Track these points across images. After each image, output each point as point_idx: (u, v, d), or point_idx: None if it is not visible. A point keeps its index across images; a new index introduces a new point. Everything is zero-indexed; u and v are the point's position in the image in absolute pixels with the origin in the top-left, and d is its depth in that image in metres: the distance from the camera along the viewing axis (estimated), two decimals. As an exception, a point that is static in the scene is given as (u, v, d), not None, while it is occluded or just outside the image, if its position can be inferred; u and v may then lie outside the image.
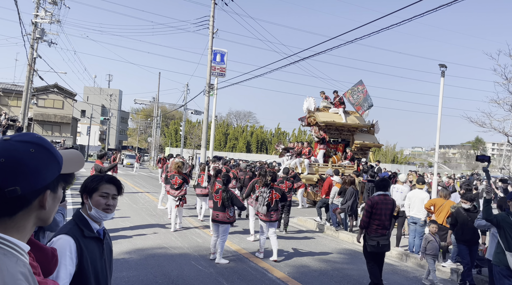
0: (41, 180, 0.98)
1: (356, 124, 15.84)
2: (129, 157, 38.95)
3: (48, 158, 1.01)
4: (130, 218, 10.13)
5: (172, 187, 8.97)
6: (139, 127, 75.23)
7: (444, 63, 17.47)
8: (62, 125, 42.63)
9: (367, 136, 16.23)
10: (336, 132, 16.01)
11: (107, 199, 2.04)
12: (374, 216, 5.47)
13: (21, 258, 0.97)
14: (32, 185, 0.96)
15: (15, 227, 0.98)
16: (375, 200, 5.52)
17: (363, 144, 15.73)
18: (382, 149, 64.40)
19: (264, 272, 6.28)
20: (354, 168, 14.80)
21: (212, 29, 21.51)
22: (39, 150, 0.99)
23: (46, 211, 1.03)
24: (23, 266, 0.96)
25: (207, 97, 21.36)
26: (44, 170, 0.99)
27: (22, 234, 1.00)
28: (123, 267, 5.99)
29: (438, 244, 6.54)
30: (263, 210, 7.12)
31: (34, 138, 1.01)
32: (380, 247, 5.49)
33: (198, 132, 44.47)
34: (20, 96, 28.09)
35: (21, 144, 0.97)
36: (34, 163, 0.97)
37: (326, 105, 16.15)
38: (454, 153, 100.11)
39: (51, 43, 23.16)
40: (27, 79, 22.27)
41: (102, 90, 66.12)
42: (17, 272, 0.92)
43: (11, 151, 0.95)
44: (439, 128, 18.38)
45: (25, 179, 0.95)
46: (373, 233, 5.50)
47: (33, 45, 21.88)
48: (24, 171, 0.95)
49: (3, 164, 0.93)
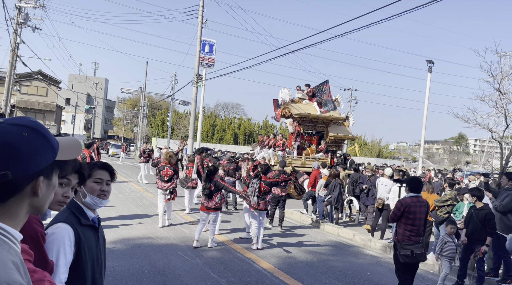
0: (33, 165, 0.94)
1: (330, 116, 15.83)
2: (115, 146, 38.50)
3: (42, 142, 0.97)
4: (116, 207, 10.04)
5: (161, 178, 8.50)
6: (125, 117, 74.33)
7: (431, 59, 17.66)
8: (46, 113, 41.76)
9: (341, 129, 16.30)
10: (311, 124, 15.97)
11: (101, 185, 2.02)
12: (406, 221, 4.78)
13: (13, 246, 0.94)
14: (24, 170, 0.92)
15: (7, 214, 0.94)
16: (406, 202, 4.81)
17: (337, 136, 15.80)
18: (368, 143, 65.18)
19: (251, 262, 6.32)
20: (327, 160, 14.80)
21: (201, 19, 21.26)
22: (33, 134, 0.95)
23: (40, 198, 0.99)
24: (15, 255, 0.93)
25: (195, 87, 21.18)
26: (37, 155, 0.95)
27: (15, 221, 0.96)
28: (109, 256, 5.93)
29: (455, 245, 6.16)
30: (254, 200, 7.28)
31: (28, 122, 0.97)
32: (414, 257, 4.79)
33: (186, 123, 44.21)
34: (3, 82, 27.38)
35: (14, 127, 0.94)
36: (26, 147, 0.93)
37: (301, 97, 16.15)
38: (438, 148, 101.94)
39: (35, 29, 22.56)
40: (10, 65, 21.70)
41: (88, 78, 64.94)
42: (9, 260, 0.89)
43: (3, 134, 0.91)
44: (425, 124, 18.70)
45: (16, 163, 0.91)
46: (405, 241, 4.79)
47: (16, 30, 21.28)
48: (15, 155, 0.91)
49: None
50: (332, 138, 15.74)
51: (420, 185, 5.02)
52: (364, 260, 7.25)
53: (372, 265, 6.92)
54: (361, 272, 6.44)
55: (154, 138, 49.78)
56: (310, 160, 14.52)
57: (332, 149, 15.86)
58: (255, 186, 7.37)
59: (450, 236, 6.13)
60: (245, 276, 5.66)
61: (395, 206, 5.04)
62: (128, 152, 43.76)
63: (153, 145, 35.25)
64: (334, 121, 16.27)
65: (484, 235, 5.92)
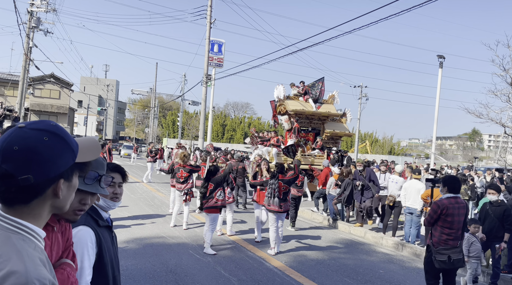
0: (54, 168, 0.98)
1: (326, 112, 15.57)
2: (127, 147, 38.89)
3: (62, 146, 1.01)
4: (128, 207, 10.17)
5: (177, 180, 8.52)
6: (137, 118, 75.00)
7: (442, 54, 17.43)
8: (59, 116, 42.40)
9: (338, 125, 16.02)
10: (307, 121, 15.74)
11: (113, 188, 2.04)
12: (443, 224, 4.42)
13: (38, 244, 0.98)
14: (45, 174, 0.96)
15: (31, 214, 0.99)
16: (443, 204, 4.42)
17: (333, 133, 15.53)
18: (379, 141, 64.65)
19: (262, 261, 6.34)
20: (324, 157, 14.58)
21: (210, 19, 21.34)
22: (53, 138, 0.99)
23: (61, 200, 1.03)
24: (41, 252, 0.97)
25: (204, 88, 21.28)
26: (57, 159, 0.98)
27: (39, 221, 1.01)
28: (122, 256, 6.02)
29: (481, 245, 5.85)
30: (275, 202, 6.91)
31: (48, 126, 1.01)
32: (452, 263, 4.41)
33: (196, 123, 44.41)
34: (17, 86, 27.90)
35: (35, 132, 0.97)
36: (47, 151, 0.97)
37: (296, 93, 15.91)
38: (451, 145, 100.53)
39: (47, 33, 22.93)
40: (23, 69, 22.09)
41: (99, 80, 65.66)
42: (37, 257, 0.93)
43: (25, 139, 0.95)
44: (436, 120, 18.48)
45: (38, 167, 0.95)
46: (442, 245, 4.43)
47: (29, 34, 21.66)
48: (37, 159, 0.95)
49: (16, 151, 0.93)
50: (328, 135, 15.49)
51: (459, 185, 4.64)
52: (376, 258, 7.21)
53: (384, 263, 6.88)
54: (373, 270, 6.41)
55: (165, 139, 50.17)
56: (306, 157, 14.33)
57: (328, 145, 15.59)
58: (273, 186, 6.97)
59: (474, 236, 5.85)
60: (256, 274, 5.69)
61: (430, 208, 4.61)
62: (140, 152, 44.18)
63: (164, 145, 35.50)
64: (331, 117, 16.00)
65: (502, 232, 5.79)
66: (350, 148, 57.88)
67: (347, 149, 59.55)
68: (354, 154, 38.47)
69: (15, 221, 0.96)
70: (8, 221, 0.96)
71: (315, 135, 15.97)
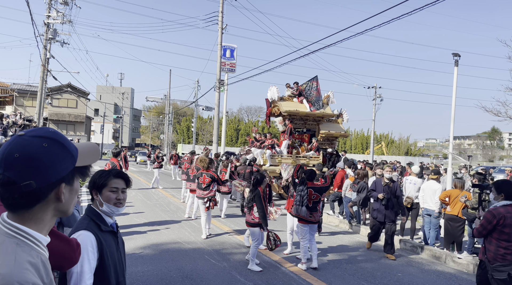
0: (55, 173, 1.01)
1: (321, 113, 15.27)
2: (143, 154, 39.37)
3: (62, 151, 1.04)
4: (145, 213, 10.26)
5: (199, 186, 8.00)
6: (152, 125, 75.95)
7: (457, 52, 17.11)
8: (76, 124, 43.30)
9: (333, 126, 15.72)
10: (301, 122, 15.50)
11: (117, 194, 2.07)
12: (500, 236, 3.93)
13: (35, 248, 1.00)
14: (47, 179, 0.99)
15: (32, 219, 1.01)
16: (500, 213, 3.92)
17: (328, 134, 15.22)
18: (395, 142, 63.75)
19: (278, 265, 6.30)
20: (319, 158, 14.35)
21: (221, 24, 21.49)
22: (52, 144, 1.02)
23: (64, 203, 1.06)
24: (35, 257, 0.98)
25: (217, 93, 21.40)
26: (58, 164, 1.01)
27: (40, 225, 1.03)
28: (138, 262, 6.08)
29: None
30: (303, 211, 6.27)
31: (47, 133, 1.04)
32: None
33: (210, 128, 44.67)
34: (35, 96, 28.61)
35: (35, 139, 1.00)
36: (47, 157, 0.99)
37: (290, 94, 15.71)
38: (470, 144, 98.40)
39: (63, 43, 23.48)
40: (41, 80, 22.64)
41: (115, 88, 66.80)
42: (25, 261, 0.94)
43: (25, 146, 0.98)
44: (453, 119, 18.09)
45: (39, 173, 0.98)
46: (499, 261, 3.91)
47: (46, 45, 22.21)
48: (38, 165, 0.98)
49: (17, 159, 0.96)
50: (323, 136, 15.21)
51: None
52: (394, 261, 7.08)
53: (402, 266, 6.75)
54: (391, 273, 6.30)
55: (180, 145, 50.58)
56: (301, 159, 14.09)
57: (324, 146, 15.34)
58: (302, 193, 6.33)
59: None
60: (272, 279, 5.65)
61: (483, 217, 4.08)
62: (155, 158, 44.56)
63: (179, 151, 35.79)
64: (326, 118, 15.74)
65: None
66: (365, 150, 57.27)
67: (362, 151, 59.01)
68: (369, 156, 37.99)
69: (13, 226, 0.99)
70: (7, 225, 0.99)
71: (310, 137, 15.68)
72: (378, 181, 7.50)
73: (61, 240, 1.33)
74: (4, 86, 39.79)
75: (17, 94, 37.89)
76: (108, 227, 1.99)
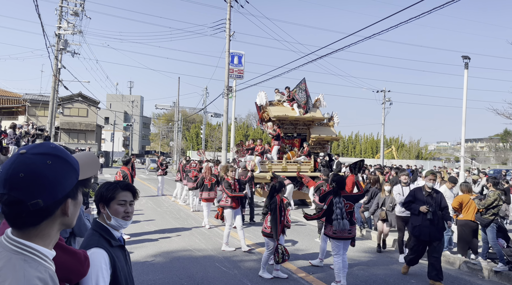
0: (61, 190, 1.01)
1: (311, 117, 14.98)
2: (153, 161, 39.63)
3: (66, 167, 1.04)
4: (155, 221, 10.31)
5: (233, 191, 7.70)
6: (161, 132, 76.45)
7: (467, 54, 16.96)
8: (87, 133, 43.79)
9: (324, 130, 15.35)
10: (291, 126, 15.20)
11: (125, 207, 2.03)
12: None
13: (43, 263, 1.01)
14: (53, 196, 1.00)
15: (39, 235, 1.02)
16: None
17: (319, 138, 14.88)
18: (405, 145, 63.16)
19: (289, 272, 6.26)
20: (311, 163, 14.09)
21: (229, 32, 21.64)
22: (56, 160, 1.02)
23: (69, 217, 1.07)
24: (43, 272, 0.99)
25: (226, 99, 21.50)
26: (63, 180, 1.02)
27: (46, 241, 1.04)
28: (149, 270, 6.10)
29: None
30: (345, 224, 5.53)
31: (49, 149, 1.04)
32: None
33: (219, 134, 44.80)
34: (47, 106, 29.06)
35: (38, 157, 1.00)
36: (52, 174, 1.00)
37: (280, 99, 15.50)
38: (482, 147, 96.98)
39: (74, 54, 23.88)
40: (53, 90, 23.01)
41: (124, 97, 67.57)
42: (34, 277, 0.95)
43: (29, 165, 0.98)
44: (464, 122, 17.90)
45: (45, 191, 0.98)
46: None
47: (57, 56, 22.60)
48: (44, 183, 0.98)
49: (23, 178, 0.96)
50: (314, 140, 14.91)
51: None
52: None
53: (415, 272, 6.65)
54: (404, 280, 6.21)
55: (189, 151, 50.82)
56: (292, 164, 13.91)
57: (316, 151, 15.07)
58: (340, 205, 5.59)
59: None
60: (283, 286, 5.61)
61: None
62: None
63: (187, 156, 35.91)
64: (317, 122, 15.45)
65: None
66: (375, 154, 56.82)
67: (371, 155, 58.54)
68: (380, 160, 37.68)
69: (20, 243, 0.99)
70: (14, 242, 1.00)
71: (301, 141, 15.45)
72: (417, 190, 6.37)
73: (68, 253, 1.34)
74: (16, 97, 40.54)
75: (29, 104, 38.54)
76: (117, 241, 1.96)
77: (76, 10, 22.99)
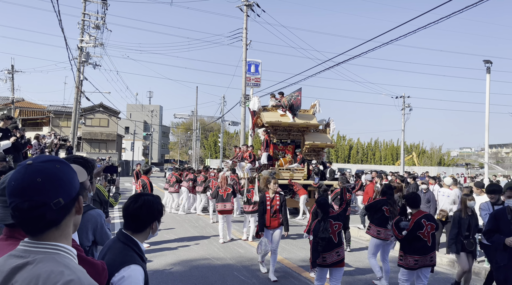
0: (73, 188, 1.14)
1: (305, 124, 14.59)
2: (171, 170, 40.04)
3: (71, 170, 1.17)
4: (174, 229, 10.38)
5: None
6: (180, 141, 77.33)
7: (489, 58, 16.60)
8: (108, 143, 44.72)
9: (319, 136, 14.93)
10: (285, 133, 14.88)
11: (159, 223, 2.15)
12: None
13: (74, 260, 1.12)
14: (70, 194, 1.11)
15: (62, 235, 1.12)
16: None
17: (313, 145, 14.42)
18: (426, 152, 61.82)
19: (307, 282, 6.18)
20: (304, 170, 13.73)
21: (246, 40, 21.85)
22: (62, 164, 1.15)
23: (79, 216, 1.19)
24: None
25: (243, 108, 21.64)
26: (73, 180, 1.14)
27: (69, 240, 1.15)
28: (169, 278, 6.13)
29: None
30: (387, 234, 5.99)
31: (52, 158, 1.16)
32: None
33: (236, 143, 44.98)
34: (70, 117, 29.90)
35: (46, 163, 1.12)
36: (65, 176, 1.12)
37: (274, 104, 15.18)
38: (508, 152, 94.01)
39: (95, 66, 24.54)
40: (75, 101, 23.65)
41: (144, 106, 68.80)
42: (80, 268, 1.08)
43: (43, 171, 1.09)
44: (487, 127, 17.44)
45: (63, 190, 1.10)
46: None
47: (79, 68, 23.27)
48: (60, 184, 1.09)
49: (41, 183, 1.06)
50: (308, 147, 14.50)
51: None
52: (430, 277, 6.78)
53: (439, 283, 6.46)
54: (427, 291, 6.02)
55: (208, 160, 51.16)
56: (284, 171, 13.58)
57: (310, 158, 14.69)
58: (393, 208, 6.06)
59: None
60: (302, 296, 5.54)
61: None
62: (184, 174, 45.13)
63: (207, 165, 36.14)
64: (312, 128, 15.07)
65: None
66: (395, 160, 55.82)
67: (392, 162, 57.53)
68: (400, 167, 36.98)
69: (52, 244, 1.09)
70: (45, 245, 1.08)
71: (294, 148, 15.09)
72: (499, 213, 4.38)
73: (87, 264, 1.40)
74: (41, 108, 41.88)
75: (53, 116, 39.73)
76: (144, 255, 2.00)
77: (98, 24, 23.68)
